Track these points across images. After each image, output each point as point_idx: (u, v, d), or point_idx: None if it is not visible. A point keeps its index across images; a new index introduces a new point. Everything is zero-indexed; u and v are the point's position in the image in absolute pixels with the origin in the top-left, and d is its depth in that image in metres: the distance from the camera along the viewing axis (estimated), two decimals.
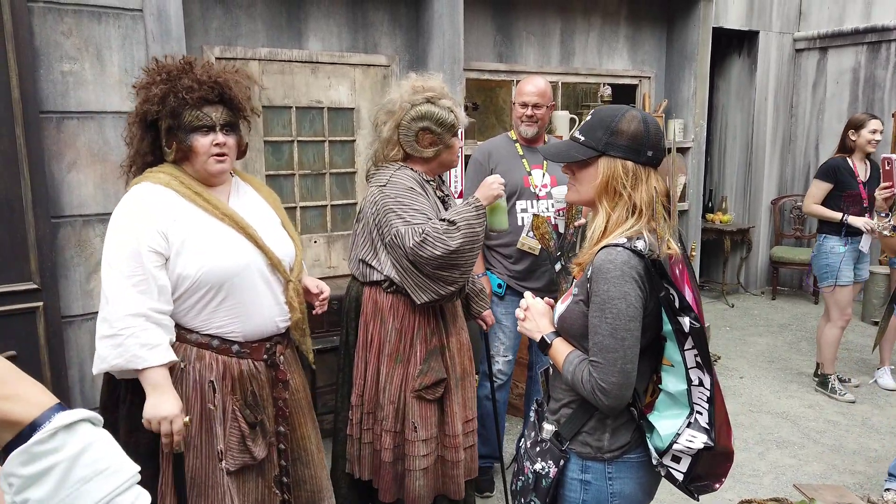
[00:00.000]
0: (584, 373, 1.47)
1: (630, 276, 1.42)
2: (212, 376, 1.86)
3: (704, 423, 1.45)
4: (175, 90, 1.79)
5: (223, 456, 1.86)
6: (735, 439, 3.56)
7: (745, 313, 6.02)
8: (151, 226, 1.77)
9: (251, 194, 2.03)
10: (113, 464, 0.65)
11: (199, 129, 1.83)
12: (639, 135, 1.48)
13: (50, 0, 2.74)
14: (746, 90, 6.42)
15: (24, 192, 2.72)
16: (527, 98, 3.00)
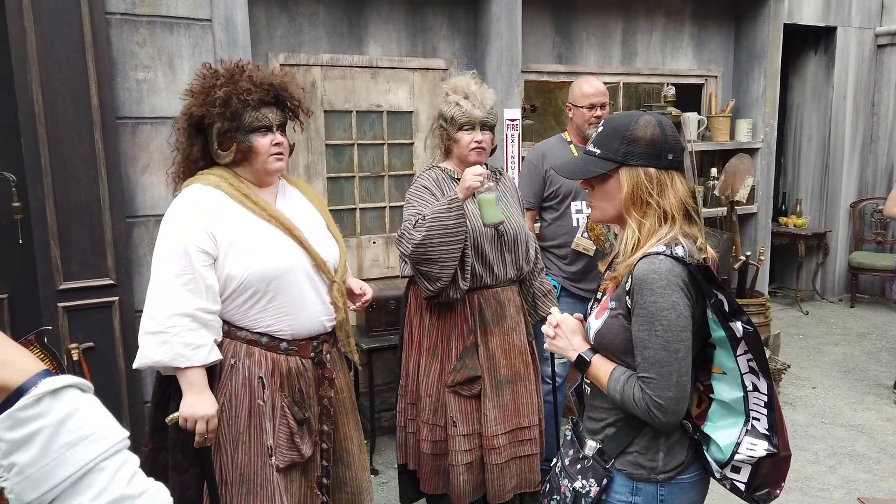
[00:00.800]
0: (634, 390, 1.39)
1: (676, 284, 1.35)
2: (261, 372, 1.88)
3: (763, 428, 1.38)
4: (236, 92, 1.83)
5: (273, 452, 1.88)
6: (805, 451, 3.44)
7: (821, 321, 5.74)
8: (201, 226, 1.80)
9: (297, 196, 2.07)
10: (99, 429, 0.65)
11: (258, 130, 1.87)
12: (657, 139, 1.42)
13: (126, 12, 2.92)
14: (823, 89, 6.14)
15: (102, 193, 2.89)
16: (594, 99, 2.98)
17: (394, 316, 3.52)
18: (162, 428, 1.92)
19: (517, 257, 2.46)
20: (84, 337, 2.89)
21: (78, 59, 2.78)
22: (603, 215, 1.53)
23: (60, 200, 2.81)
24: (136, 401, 3.03)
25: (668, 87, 4.67)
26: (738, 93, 5.07)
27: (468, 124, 2.39)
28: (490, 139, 2.44)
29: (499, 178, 2.58)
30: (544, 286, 2.66)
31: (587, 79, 3.07)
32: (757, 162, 5.00)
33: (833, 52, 6.00)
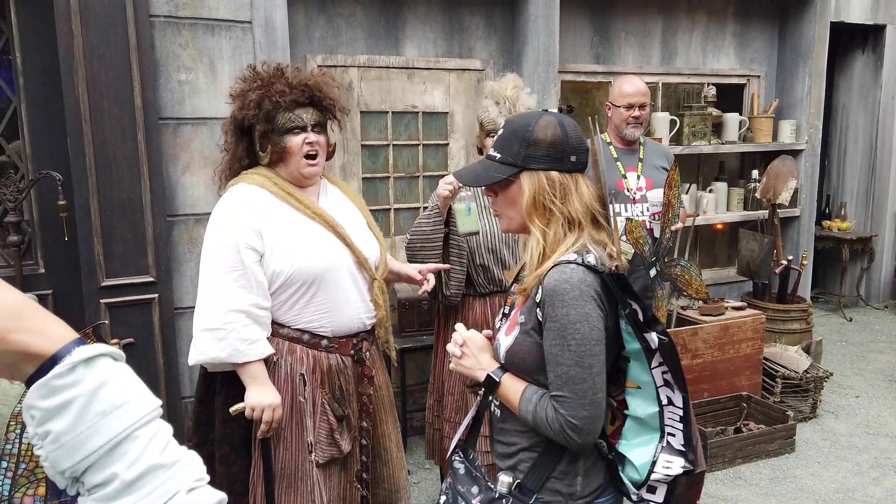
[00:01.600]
0: (547, 410, 1.29)
1: (589, 294, 1.27)
2: (302, 369, 1.91)
3: (679, 444, 1.30)
4: (269, 94, 1.87)
5: (313, 448, 1.91)
6: (847, 462, 3.35)
7: (865, 328, 5.57)
8: (248, 224, 1.84)
9: (338, 195, 2.10)
10: (132, 398, 0.65)
11: (291, 130, 1.90)
12: (557, 141, 1.34)
13: (170, 15, 2.97)
14: (871, 89, 5.95)
15: (144, 192, 2.96)
16: (633, 99, 2.95)
17: (426, 316, 3.52)
18: (206, 423, 1.97)
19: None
20: (124, 333, 2.96)
21: (122, 61, 2.84)
22: (510, 224, 1.43)
23: (104, 199, 2.88)
24: (173, 395, 3.09)
25: (709, 87, 4.58)
26: (782, 93, 4.95)
27: (494, 131, 2.38)
28: None
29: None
30: None
31: (628, 78, 3.03)
32: (800, 164, 4.87)
33: (882, 51, 5.81)
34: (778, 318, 4.32)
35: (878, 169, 5.98)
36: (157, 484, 0.64)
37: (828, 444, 3.63)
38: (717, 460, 3.37)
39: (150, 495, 0.63)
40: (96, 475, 0.63)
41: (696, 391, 3.75)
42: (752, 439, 3.46)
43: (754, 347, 3.88)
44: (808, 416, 3.91)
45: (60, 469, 0.63)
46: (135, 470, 0.63)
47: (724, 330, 3.77)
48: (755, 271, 4.34)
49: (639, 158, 3.03)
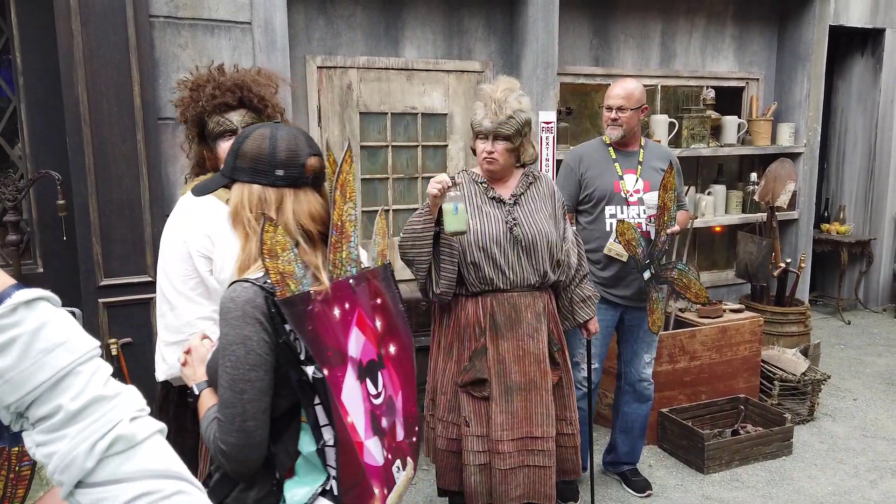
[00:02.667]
0: (213, 431, 1.25)
1: (253, 316, 1.21)
2: None
3: (336, 490, 1.23)
4: (197, 99, 1.81)
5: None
6: (844, 464, 3.35)
7: (864, 331, 5.58)
8: (198, 230, 1.77)
9: None
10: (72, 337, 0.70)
11: (222, 135, 1.81)
12: (262, 154, 1.30)
13: (169, 15, 2.98)
14: (870, 92, 5.96)
15: (143, 192, 2.96)
16: (611, 101, 2.95)
17: (425, 317, 3.53)
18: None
19: (539, 263, 2.44)
20: (122, 332, 2.97)
21: (122, 61, 2.85)
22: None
23: (103, 199, 2.89)
24: None
25: (708, 89, 4.59)
26: (781, 96, 4.96)
27: (481, 133, 2.39)
28: (505, 149, 2.38)
29: (532, 182, 2.56)
30: (583, 292, 2.63)
31: (620, 80, 3.04)
32: (799, 167, 4.88)
33: (881, 55, 5.82)
34: (776, 320, 4.33)
35: (876, 172, 5.99)
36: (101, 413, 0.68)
37: (825, 446, 3.63)
38: (714, 462, 3.37)
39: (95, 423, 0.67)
40: (41, 408, 0.67)
41: (693, 393, 3.75)
42: (749, 441, 3.47)
43: (752, 350, 3.89)
44: (806, 418, 3.91)
45: (6, 404, 0.67)
46: (79, 401, 0.67)
47: (721, 332, 3.78)
48: (753, 274, 4.34)
49: (638, 161, 3.03)
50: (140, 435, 0.70)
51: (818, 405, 3.99)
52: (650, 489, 3.21)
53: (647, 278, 2.92)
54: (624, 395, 3.25)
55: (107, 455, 0.67)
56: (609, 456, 3.37)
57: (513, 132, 2.36)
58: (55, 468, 0.67)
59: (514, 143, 2.38)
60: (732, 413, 3.77)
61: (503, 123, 2.33)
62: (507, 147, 2.38)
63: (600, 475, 3.39)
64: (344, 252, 1.37)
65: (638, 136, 3.06)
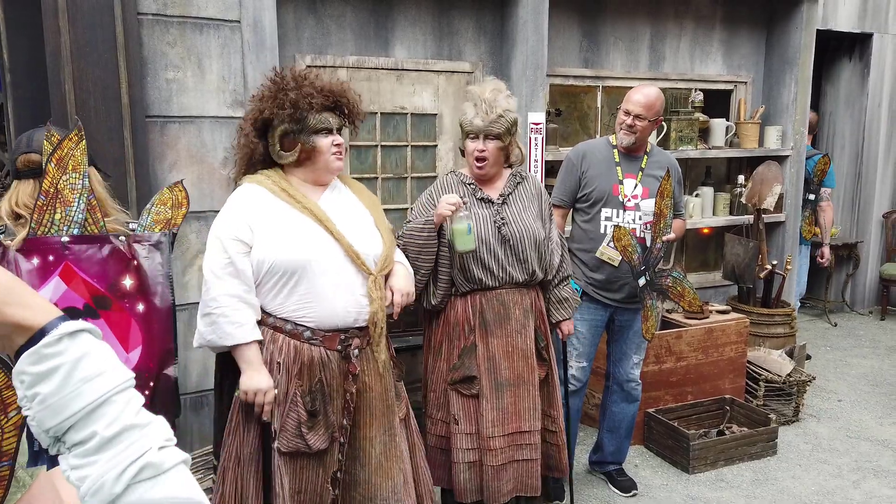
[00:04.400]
0: None
1: None
2: (279, 358, 1.98)
3: None
4: (302, 96, 2.00)
5: (276, 435, 1.97)
6: (828, 465, 3.38)
7: (850, 333, 5.63)
8: (239, 217, 1.99)
9: (346, 194, 2.18)
10: (109, 368, 0.75)
11: (321, 132, 2.04)
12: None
13: (158, 13, 2.98)
14: (857, 96, 6.02)
15: (131, 190, 2.95)
16: (630, 106, 2.91)
17: (412, 317, 3.53)
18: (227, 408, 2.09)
19: (526, 261, 2.48)
20: None
21: (110, 59, 2.84)
22: None
23: None
24: None
25: (696, 92, 4.62)
26: (769, 99, 5.00)
27: (472, 133, 2.44)
28: (496, 147, 2.43)
29: (519, 182, 2.58)
30: (561, 293, 2.65)
31: (643, 86, 3.00)
32: (786, 170, 4.92)
33: (868, 59, 5.88)
34: (762, 322, 4.36)
35: (863, 176, 6.05)
36: (132, 441, 0.72)
37: (809, 447, 3.66)
38: (700, 462, 3.40)
39: (126, 450, 0.71)
40: (78, 434, 0.71)
41: (679, 394, 3.78)
42: (734, 442, 3.49)
43: (738, 351, 3.92)
44: (791, 419, 3.94)
45: (46, 427, 0.71)
46: (112, 429, 0.71)
47: (708, 333, 3.81)
48: (740, 275, 4.37)
49: (640, 167, 3.01)
50: (167, 464, 0.74)
51: (803, 406, 4.02)
52: (635, 489, 3.23)
53: (641, 285, 2.93)
54: (612, 394, 3.27)
55: (135, 481, 0.71)
56: (595, 455, 3.39)
57: (503, 131, 2.41)
58: (86, 491, 0.70)
59: (504, 142, 2.44)
60: (718, 413, 3.80)
61: (494, 122, 2.38)
62: (498, 146, 2.43)
63: (586, 474, 3.41)
64: (57, 214, 1.76)
65: (645, 143, 3.05)
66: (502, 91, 2.44)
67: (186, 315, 3.16)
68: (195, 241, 3.18)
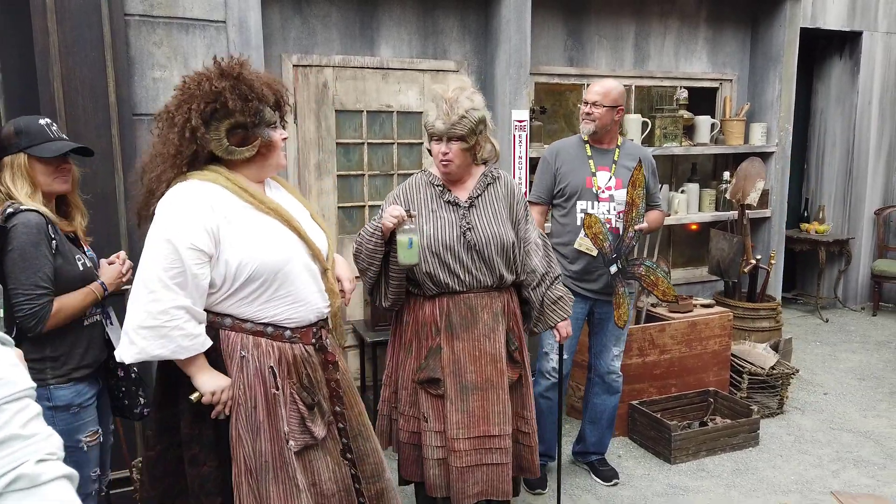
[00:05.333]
0: None
1: None
2: (270, 362, 1.93)
3: None
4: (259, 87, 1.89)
5: (288, 437, 1.94)
6: (808, 455, 3.42)
7: (841, 329, 5.66)
8: (199, 223, 1.80)
9: (281, 192, 2.11)
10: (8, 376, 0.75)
11: (273, 126, 1.94)
12: None
13: (144, 14, 3.06)
14: (848, 94, 6.06)
15: (118, 186, 3.03)
16: (588, 96, 3.04)
17: None
18: (170, 427, 1.97)
19: (493, 266, 2.43)
20: None
21: (97, 59, 2.92)
22: None
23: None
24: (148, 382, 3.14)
25: (681, 90, 4.67)
26: (754, 97, 5.04)
27: (434, 135, 2.38)
28: (460, 149, 2.36)
29: (490, 183, 2.52)
30: (554, 293, 2.58)
31: (602, 79, 3.13)
32: (771, 166, 4.96)
33: (858, 57, 5.92)
34: (747, 316, 4.40)
35: (854, 173, 6.08)
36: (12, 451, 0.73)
37: (791, 438, 3.70)
38: (681, 453, 3.44)
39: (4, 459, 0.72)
40: None
41: (663, 386, 3.82)
42: (715, 433, 3.53)
43: (722, 344, 3.96)
44: (775, 411, 3.98)
45: None
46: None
47: (691, 326, 3.85)
48: (725, 270, 4.42)
49: (613, 159, 3.10)
50: (44, 477, 0.74)
51: (788, 399, 4.06)
52: (617, 478, 3.27)
53: (613, 272, 2.99)
54: (593, 386, 3.32)
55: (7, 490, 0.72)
56: (578, 446, 3.44)
57: (466, 132, 2.33)
58: None
59: (468, 143, 2.36)
60: (702, 406, 3.84)
61: (456, 124, 2.31)
62: (462, 147, 2.36)
63: (569, 465, 3.45)
64: None
65: (614, 135, 3.11)
66: (466, 89, 2.37)
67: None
68: None
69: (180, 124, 1.85)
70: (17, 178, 2.03)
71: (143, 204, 1.94)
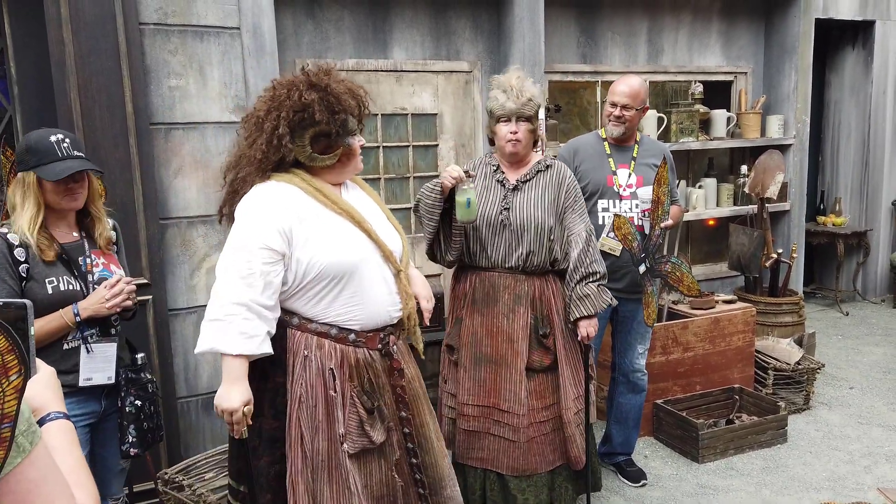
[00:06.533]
0: None
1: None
2: (331, 364, 1.94)
3: None
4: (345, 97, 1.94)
5: (344, 439, 1.95)
6: (839, 451, 3.37)
7: (862, 322, 5.59)
8: (272, 223, 1.86)
9: (359, 192, 2.16)
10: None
11: (354, 133, 1.99)
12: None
13: (159, 22, 3.05)
14: (862, 84, 5.99)
15: (137, 196, 3.02)
16: (616, 98, 2.98)
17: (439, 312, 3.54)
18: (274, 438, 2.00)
19: (525, 248, 2.55)
20: None
21: (113, 68, 2.91)
22: None
23: None
24: (169, 395, 3.13)
25: (696, 84, 4.63)
26: (769, 89, 5.00)
27: (504, 116, 2.55)
28: (527, 129, 2.56)
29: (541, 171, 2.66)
30: (582, 290, 2.58)
31: (625, 77, 3.06)
32: (789, 158, 4.91)
33: (872, 47, 5.85)
34: (770, 311, 4.35)
35: (871, 164, 6.01)
36: None
37: (820, 434, 3.65)
38: (709, 451, 3.40)
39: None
40: None
41: (688, 384, 3.78)
42: (743, 430, 3.49)
43: (745, 340, 3.91)
44: (802, 407, 3.93)
45: None
46: None
47: (714, 323, 3.81)
48: (745, 265, 4.37)
49: (632, 156, 3.06)
50: None
51: (814, 394, 4.01)
52: (645, 479, 3.23)
53: (642, 272, 2.96)
54: (618, 385, 3.28)
55: None
56: (604, 447, 3.39)
57: (532, 114, 2.55)
58: None
59: (533, 125, 2.56)
60: (728, 403, 3.79)
61: (525, 105, 2.52)
62: (529, 128, 2.56)
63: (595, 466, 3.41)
64: None
65: (634, 132, 3.09)
66: (526, 79, 2.59)
67: (195, 317, 3.22)
68: (202, 244, 3.24)
69: (269, 131, 1.91)
70: (28, 196, 2.03)
71: (226, 202, 2.04)
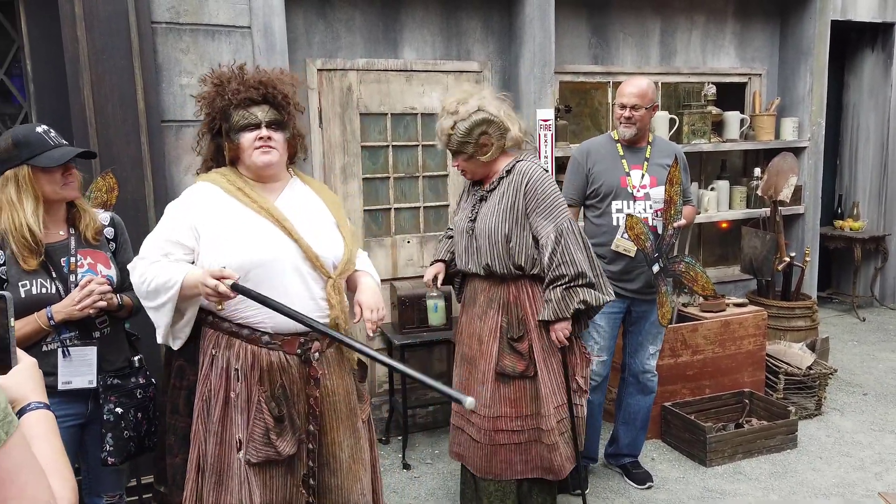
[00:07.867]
0: None
1: None
2: (237, 364, 1.89)
3: None
4: (222, 93, 1.94)
5: (242, 445, 1.88)
6: (850, 457, 3.32)
7: (879, 328, 5.50)
8: (184, 220, 1.92)
9: (307, 194, 2.09)
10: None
11: (245, 128, 1.94)
12: None
13: (171, 21, 3.09)
14: (881, 87, 5.91)
15: (148, 192, 3.06)
16: (625, 99, 2.97)
17: (426, 314, 3.56)
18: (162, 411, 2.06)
19: (484, 258, 2.57)
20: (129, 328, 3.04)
21: (126, 66, 2.95)
22: None
23: None
24: None
25: (709, 86, 4.60)
26: (784, 91, 4.94)
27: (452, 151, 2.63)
28: (462, 161, 2.57)
29: (503, 177, 2.56)
30: (549, 294, 2.52)
31: (632, 78, 3.05)
32: (803, 161, 4.85)
33: (891, 49, 5.77)
34: (782, 315, 4.30)
35: (889, 167, 5.92)
36: None
37: (831, 440, 3.60)
38: (717, 455, 3.36)
39: None
40: None
41: (697, 387, 3.74)
42: (752, 435, 3.45)
43: (756, 344, 3.87)
44: (814, 412, 3.88)
45: None
46: None
47: (724, 326, 3.77)
48: (758, 269, 4.32)
49: (645, 157, 3.05)
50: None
51: (826, 399, 3.95)
52: (651, 481, 3.21)
53: (656, 272, 2.95)
54: (627, 386, 3.26)
55: None
56: (610, 448, 3.38)
57: (457, 146, 2.53)
58: None
59: (468, 152, 2.53)
60: (737, 407, 3.75)
61: (447, 144, 2.57)
62: (464, 158, 2.57)
63: (601, 467, 3.40)
64: None
65: (646, 133, 3.08)
66: (447, 106, 2.56)
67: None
68: None
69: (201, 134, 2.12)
70: (24, 190, 1.95)
71: None
